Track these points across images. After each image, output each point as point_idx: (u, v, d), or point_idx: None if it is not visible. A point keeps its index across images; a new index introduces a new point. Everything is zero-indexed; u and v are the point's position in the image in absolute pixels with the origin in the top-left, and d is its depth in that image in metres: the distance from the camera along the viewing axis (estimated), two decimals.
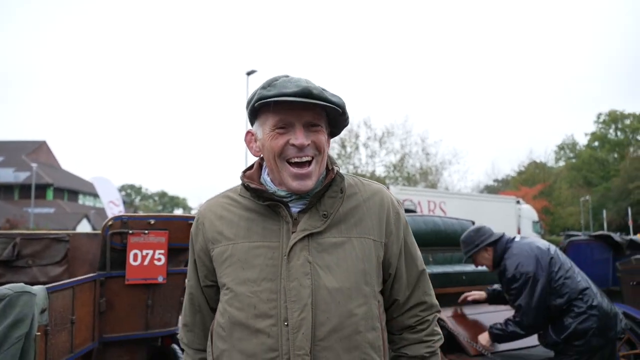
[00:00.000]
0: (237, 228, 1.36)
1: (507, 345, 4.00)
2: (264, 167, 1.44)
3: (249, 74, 21.75)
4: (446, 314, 4.32)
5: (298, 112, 1.31)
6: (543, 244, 3.70)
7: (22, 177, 45.43)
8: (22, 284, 2.29)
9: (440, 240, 5.51)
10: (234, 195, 1.44)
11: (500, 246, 3.65)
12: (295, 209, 1.36)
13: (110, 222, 3.10)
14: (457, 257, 5.55)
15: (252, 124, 1.42)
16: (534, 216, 22.34)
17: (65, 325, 2.58)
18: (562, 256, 3.67)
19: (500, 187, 39.98)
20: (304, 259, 1.29)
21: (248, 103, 1.38)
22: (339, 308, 1.29)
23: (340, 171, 1.42)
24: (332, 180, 1.38)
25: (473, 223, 5.94)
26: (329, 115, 1.38)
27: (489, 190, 39.46)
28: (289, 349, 1.25)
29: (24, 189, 44.38)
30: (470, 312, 4.39)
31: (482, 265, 3.91)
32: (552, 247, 3.68)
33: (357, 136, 29.07)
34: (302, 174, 1.32)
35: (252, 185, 1.36)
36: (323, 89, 1.33)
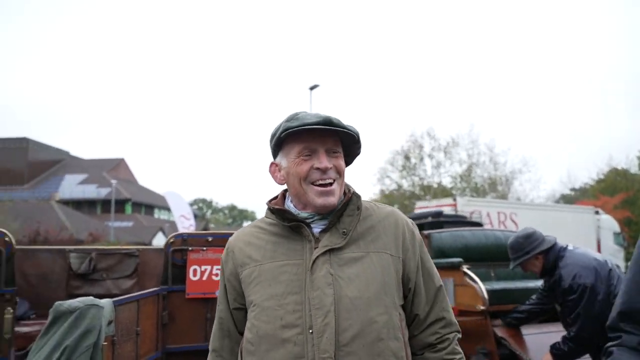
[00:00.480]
0: (264, 251, 1.48)
1: None
2: (287, 196, 1.56)
3: (312, 88, 22.12)
4: (508, 332, 4.21)
5: (321, 139, 1.45)
6: (599, 255, 3.52)
7: (103, 192, 48.47)
8: (91, 297, 2.50)
9: (502, 254, 5.36)
10: (260, 224, 1.56)
11: (552, 254, 3.47)
12: (317, 229, 1.47)
13: (171, 240, 3.31)
14: (521, 272, 5.38)
15: (274, 156, 1.56)
16: (615, 227, 20.96)
17: (130, 336, 2.78)
18: (619, 270, 3.49)
19: (577, 197, 37.89)
20: (326, 271, 1.39)
21: (272, 136, 1.52)
22: (360, 315, 1.37)
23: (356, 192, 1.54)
24: (349, 200, 1.49)
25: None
26: (344, 144, 1.52)
27: (565, 199, 37.53)
28: (314, 354, 1.33)
29: (105, 204, 47.28)
30: (532, 331, 4.25)
31: (530, 271, 3.72)
32: (609, 260, 3.51)
33: (421, 147, 28.70)
34: (326, 191, 1.44)
35: (277, 207, 1.50)
36: (340, 120, 1.47)
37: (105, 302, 2.52)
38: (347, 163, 1.56)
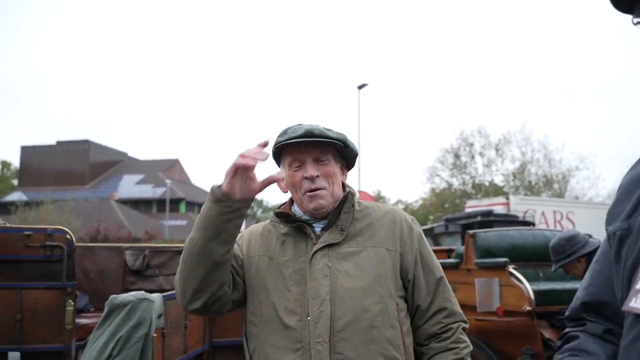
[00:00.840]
0: (274, 246, 1.61)
1: None
2: (294, 202, 1.69)
3: (360, 87, 22.12)
4: (556, 334, 4.13)
5: (306, 150, 1.57)
6: None
7: (159, 192, 50.29)
8: (143, 292, 2.67)
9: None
10: (270, 224, 1.69)
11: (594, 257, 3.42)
12: (318, 228, 1.60)
13: None
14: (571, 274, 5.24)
15: (279, 167, 1.70)
16: None
17: (179, 329, 2.94)
18: None
19: None
20: (323, 264, 1.51)
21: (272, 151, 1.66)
22: (354, 304, 1.47)
23: (353, 191, 1.64)
24: (345, 199, 1.60)
25: (590, 236, 5.56)
26: (339, 151, 1.64)
27: None
28: (310, 339, 1.45)
29: (160, 203, 49.02)
30: None
31: (572, 274, 3.68)
32: None
33: (471, 145, 28.08)
34: (314, 195, 1.56)
35: (280, 210, 1.64)
36: (327, 129, 1.60)
37: (156, 297, 2.68)
38: (349, 167, 1.70)
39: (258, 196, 1.55)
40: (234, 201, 1.43)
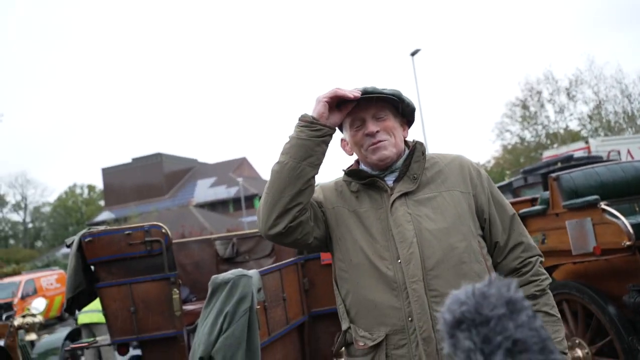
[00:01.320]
0: (350, 200, 1.67)
1: None
2: (360, 163, 1.74)
3: (413, 54, 21.64)
4: None
5: (365, 109, 1.63)
6: None
7: (232, 192, 51.94)
8: (240, 269, 2.81)
9: None
10: (343, 182, 1.73)
11: None
12: (390, 180, 1.65)
13: None
14: None
15: (342, 132, 1.76)
16: None
17: (279, 302, 3.08)
18: None
19: None
20: (404, 211, 1.57)
21: None
22: (441, 243, 1.53)
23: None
24: (414, 148, 1.66)
25: None
26: (396, 107, 1.67)
27: None
28: (405, 279, 1.51)
29: (236, 202, 50.63)
30: None
31: None
32: None
33: (539, 93, 26.73)
34: (377, 147, 1.61)
35: (352, 169, 1.68)
36: (383, 88, 1.63)
37: (253, 272, 2.81)
38: (409, 124, 1.74)
39: (318, 181, 1.64)
40: (323, 125, 1.55)
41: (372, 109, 1.63)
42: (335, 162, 2.06)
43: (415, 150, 1.66)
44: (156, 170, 58.26)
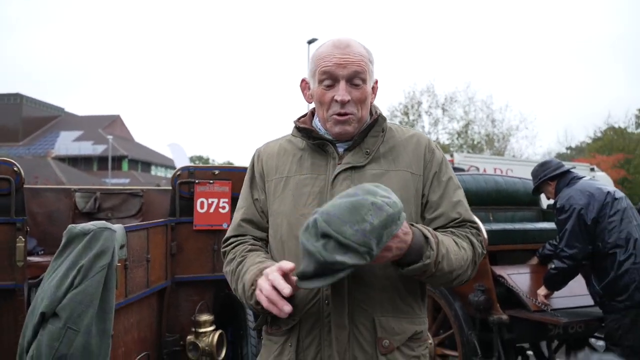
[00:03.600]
0: (290, 164, 1.57)
1: (566, 303, 3.99)
2: (315, 115, 1.62)
3: (310, 42, 21.75)
4: (505, 271, 4.32)
5: (342, 66, 1.48)
6: (609, 188, 3.67)
7: (99, 149, 48.36)
8: (103, 222, 2.55)
9: (501, 199, 5.44)
10: (288, 138, 1.65)
11: (563, 181, 3.77)
12: (341, 148, 1.55)
13: (178, 172, 3.35)
14: (519, 217, 5.48)
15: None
16: (610, 185, 21.13)
17: (141, 263, 2.85)
18: (627, 206, 3.59)
19: (573, 155, 37.99)
20: (346, 186, 1.46)
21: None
22: None
23: (383, 114, 1.57)
24: (375, 122, 1.55)
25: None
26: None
27: (561, 158, 37.53)
28: None
29: (101, 161, 47.26)
30: (529, 270, 4.37)
31: (548, 197, 4.06)
32: (619, 194, 3.64)
33: (419, 104, 28.53)
34: (342, 120, 1.50)
35: (303, 126, 1.57)
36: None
37: (117, 227, 2.57)
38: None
39: (203, 153, 1.53)
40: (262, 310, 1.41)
41: (350, 69, 1.48)
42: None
43: (376, 124, 1.55)
44: (13, 113, 52.11)
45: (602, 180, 20.86)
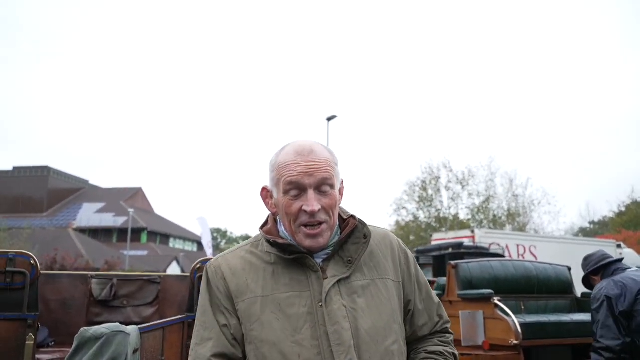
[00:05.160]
0: (264, 281, 1.40)
1: None
2: (278, 221, 1.49)
3: (329, 119, 22.21)
4: None
5: (308, 174, 1.39)
6: None
7: (120, 221, 48.77)
8: (117, 324, 2.40)
9: (532, 286, 5.20)
10: (253, 249, 1.47)
11: (607, 273, 3.69)
12: (318, 259, 1.42)
13: (197, 265, 3.22)
14: (552, 306, 5.19)
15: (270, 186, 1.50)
16: (639, 261, 20.41)
17: None
18: None
19: (597, 230, 37.16)
20: (339, 304, 1.36)
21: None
22: (378, 347, 1.36)
23: (358, 218, 1.47)
24: (354, 228, 1.44)
25: (569, 269, 5.54)
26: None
27: (585, 233, 36.76)
28: None
29: (121, 233, 47.50)
30: None
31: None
32: None
33: (437, 178, 28.50)
34: (314, 234, 1.39)
35: (280, 242, 1.41)
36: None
37: (132, 329, 2.42)
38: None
39: (222, 226, 1.36)
40: None
41: (317, 176, 1.38)
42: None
43: (356, 230, 1.44)
44: (40, 184, 53.47)
45: (631, 258, 20.22)
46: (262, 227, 1.50)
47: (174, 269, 40.41)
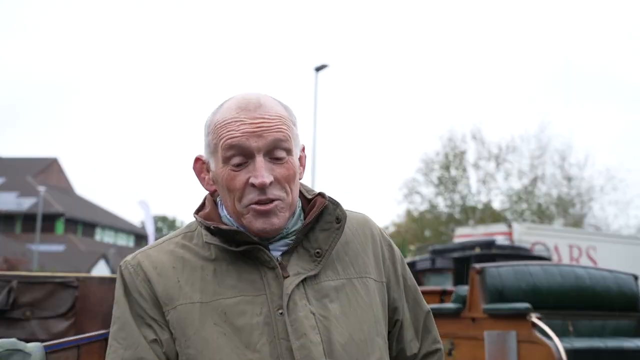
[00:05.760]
0: (203, 282, 1.40)
1: None
2: (219, 203, 1.50)
3: (318, 69, 22.23)
4: None
5: (257, 135, 1.39)
6: None
7: (26, 204, 48.55)
8: (14, 340, 2.44)
9: (585, 301, 5.29)
10: (185, 242, 1.47)
11: None
12: (276, 251, 1.43)
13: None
14: (611, 328, 5.28)
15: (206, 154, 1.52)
16: None
17: None
18: None
19: None
20: (306, 310, 1.37)
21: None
22: None
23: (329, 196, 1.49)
24: (324, 208, 1.45)
25: (636, 278, 5.65)
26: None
27: None
28: None
29: (28, 220, 47.33)
30: None
31: None
32: None
33: (463, 154, 28.64)
34: (266, 211, 1.38)
35: (223, 227, 1.41)
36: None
37: (34, 348, 2.46)
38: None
39: (168, 212, 1.36)
40: None
41: (268, 138, 1.38)
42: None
43: (325, 212, 1.45)
44: None
45: None
46: (197, 212, 1.50)
47: (101, 269, 40.56)
